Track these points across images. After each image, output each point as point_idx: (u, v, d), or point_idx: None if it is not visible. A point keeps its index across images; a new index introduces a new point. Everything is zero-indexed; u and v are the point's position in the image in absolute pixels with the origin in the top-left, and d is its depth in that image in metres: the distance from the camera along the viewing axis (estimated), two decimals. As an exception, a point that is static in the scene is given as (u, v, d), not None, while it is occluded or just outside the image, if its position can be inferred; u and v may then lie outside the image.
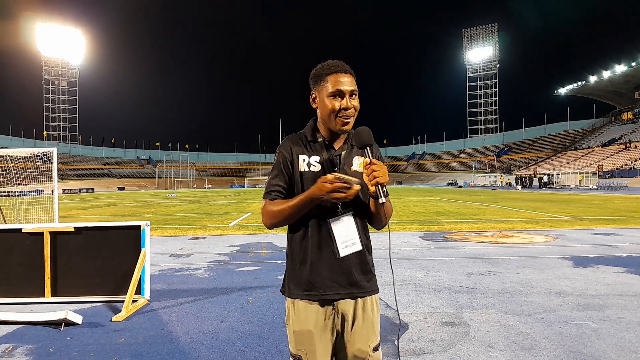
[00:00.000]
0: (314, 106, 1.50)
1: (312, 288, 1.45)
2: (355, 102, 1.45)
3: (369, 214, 1.49)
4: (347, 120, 1.43)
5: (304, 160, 1.48)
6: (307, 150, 1.49)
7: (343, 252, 1.43)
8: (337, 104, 1.42)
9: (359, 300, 1.48)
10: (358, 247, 1.45)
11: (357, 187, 1.32)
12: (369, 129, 1.43)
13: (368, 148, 1.39)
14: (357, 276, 1.47)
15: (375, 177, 1.30)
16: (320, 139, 1.50)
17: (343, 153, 1.49)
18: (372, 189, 1.34)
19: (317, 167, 1.47)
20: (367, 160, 1.35)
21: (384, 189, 1.34)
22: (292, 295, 1.49)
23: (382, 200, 1.33)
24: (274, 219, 1.45)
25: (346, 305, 1.47)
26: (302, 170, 1.47)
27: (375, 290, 1.52)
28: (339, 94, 1.42)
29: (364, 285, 1.48)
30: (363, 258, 1.49)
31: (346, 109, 1.42)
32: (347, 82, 1.43)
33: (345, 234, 1.43)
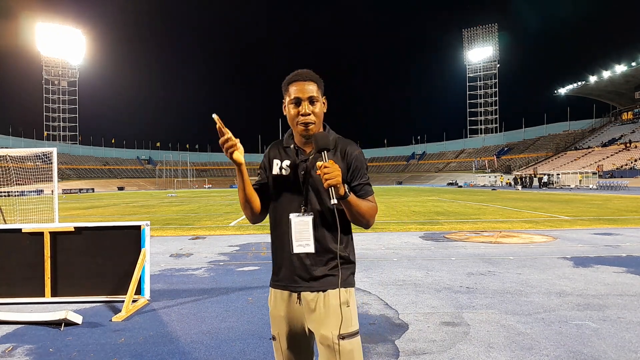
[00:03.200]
0: (284, 113, 1.61)
1: (280, 279, 1.61)
2: (316, 108, 1.54)
3: (347, 216, 1.54)
4: (307, 127, 1.53)
5: (277, 164, 1.63)
6: (281, 155, 1.63)
7: (297, 249, 1.54)
8: (295, 111, 1.53)
9: (321, 292, 1.56)
10: (310, 249, 1.53)
11: (227, 137, 1.42)
12: (327, 134, 1.53)
13: (325, 152, 1.45)
14: (319, 272, 1.55)
15: (326, 180, 1.37)
16: (292, 145, 1.62)
17: (311, 157, 1.57)
18: (326, 190, 1.42)
19: (287, 171, 1.60)
20: (320, 163, 1.41)
21: (340, 192, 1.40)
22: (270, 283, 1.67)
23: (333, 201, 1.39)
24: (241, 204, 1.61)
25: (310, 296, 1.56)
26: (275, 173, 1.62)
27: (340, 284, 1.56)
28: (296, 101, 1.53)
29: (326, 281, 1.55)
30: (327, 257, 1.55)
31: (304, 114, 1.52)
32: (305, 90, 1.53)
33: (301, 233, 1.53)
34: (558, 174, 51.17)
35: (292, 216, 1.55)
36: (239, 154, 1.46)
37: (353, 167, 1.58)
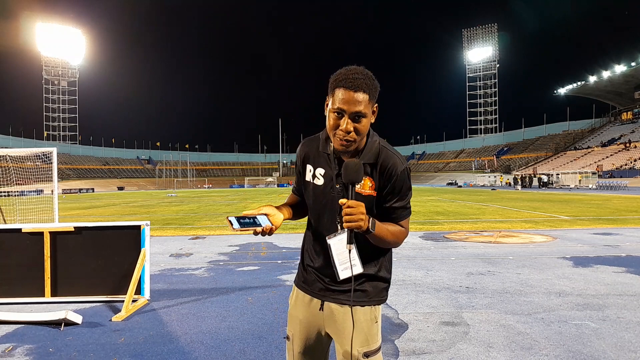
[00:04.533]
0: (325, 114, 1.40)
1: (306, 282, 1.54)
2: (360, 124, 1.30)
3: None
4: (346, 144, 1.32)
5: (310, 170, 1.48)
6: (316, 159, 1.46)
7: (342, 274, 1.38)
8: (335, 122, 1.32)
9: (347, 307, 1.45)
10: (358, 269, 1.36)
11: (264, 225, 1.34)
12: (359, 163, 1.29)
13: (352, 186, 1.28)
14: (347, 288, 1.43)
15: (346, 221, 1.24)
16: (330, 150, 1.42)
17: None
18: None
19: (320, 181, 1.44)
20: (343, 200, 1.25)
21: (361, 230, 1.27)
22: (295, 280, 1.61)
23: (348, 246, 1.29)
24: None
25: (334, 307, 1.48)
26: (308, 179, 1.49)
27: (369, 302, 1.47)
28: (340, 112, 1.30)
29: (357, 296, 1.45)
30: (366, 275, 1.45)
31: (345, 131, 1.30)
32: (353, 101, 1.27)
33: (343, 254, 1.36)
34: (558, 174, 51.19)
35: (330, 239, 1.36)
36: (278, 222, 1.40)
37: (391, 188, 1.39)
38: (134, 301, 4.25)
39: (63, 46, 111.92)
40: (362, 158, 1.37)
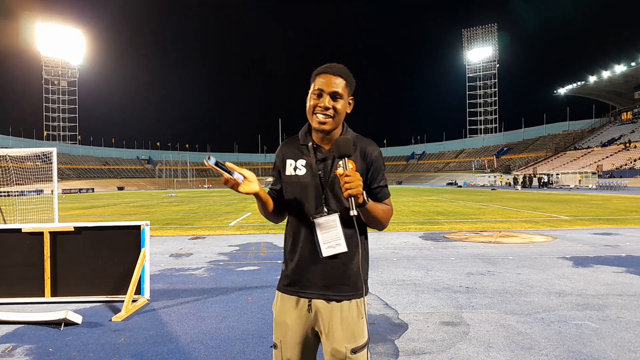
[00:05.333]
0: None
1: (291, 284, 1.54)
2: (338, 104, 1.44)
3: (363, 220, 1.48)
4: (324, 120, 1.43)
5: (290, 164, 1.55)
6: (296, 154, 1.54)
7: (326, 252, 1.45)
8: (315, 102, 1.44)
9: (335, 302, 1.48)
10: (343, 248, 1.45)
11: (235, 177, 1.35)
12: (348, 138, 1.41)
13: (346, 159, 1.36)
14: (336, 280, 1.48)
15: (347, 189, 1.31)
16: (309, 143, 1.52)
17: (333, 159, 1.49)
18: (345, 200, 1.35)
19: (302, 171, 1.51)
20: (341, 171, 1.34)
21: (359, 200, 1.34)
22: (278, 287, 1.60)
23: (353, 212, 1.33)
24: (259, 211, 1.60)
25: (321, 305, 1.49)
26: (288, 173, 1.54)
27: (355, 295, 1.50)
28: (319, 93, 1.44)
29: (341, 290, 1.49)
30: (346, 263, 1.48)
31: (324, 107, 1.43)
32: (331, 83, 1.43)
33: (329, 234, 1.45)
34: (558, 174, 51.19)
35: (316, 219, 1.46)
36: (249, 186, 1.40)
37: (373, 169, 1.51)
38: (134, 301, 4.25)
39: (63, 46, 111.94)
40: (334, 152, 1.46)
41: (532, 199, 22.90)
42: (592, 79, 75.55)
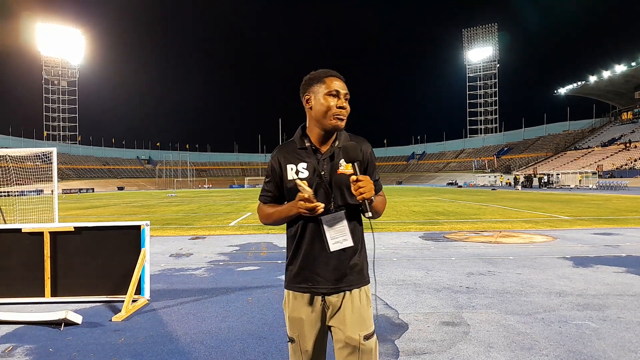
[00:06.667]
0: (307, 107, 1.60)
1: (302, 281, 1.59)
2: (348, 106, 1.58)
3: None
4: (342, 118, 1.56)
5: (292, 168, 1.60)
6: (295, 158, 1.61)
7: (333, 247, 1.54)
8: (333, 102, 1.54)
9: (347, 292, 1.58)
10: (349, 242, 1.55)
11: (320, 209, 1.45)
12: (357, 145, 1.52)
13: (356, 164, 1.48)
14: (344, 272, 1.57)
15: (361, 193, 1.41)
16: (307, 144, 1.60)
17: (329, 157, 1.58)
18: (359, 201, 1.45)
19: (305, 173, 1.58)
20: (354, 177, 1.44)
21: (370, 203, 1.45)
22: (287, 286, 1.65)
23: (368, 214, 1.45)
24: (266, 220, 1.67)
25: (334, 298, 1.57)
26: (291, 178, 1.59)
27: (362, 282, 1.61)
28: (335, 93, 1.55)
29: (350, 280, 1.58)
30: (352, 254, 1.58)
31: (341, 107, 1.55)
32: (342, 86, 1.57)
33: (336, 230, 1.54)
34: (558, 174, 51.18)
35: (324, 216, 1.53)
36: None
37: (368, 165, 1.63)
38: (134, 301, 4.25)
39: (63, 46, 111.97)
40: (341, 143, 1.59)
41: (532, 199, 22.90)
42: (592, 78, 75.54)
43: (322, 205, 1.46)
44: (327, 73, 1.58)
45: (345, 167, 1.53)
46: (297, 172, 1.58)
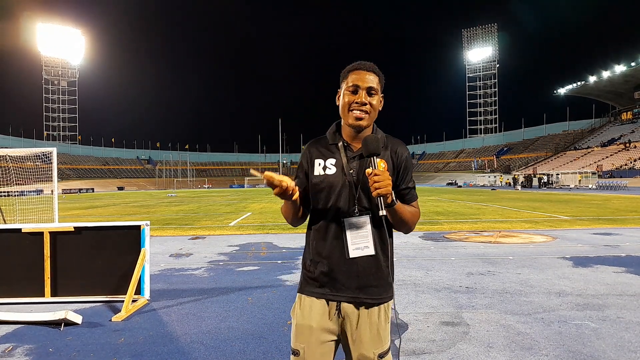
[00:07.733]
0: (337, 104, 1.51)
1: (319, 286, 1.48)
2: (373, 100, 1.44)
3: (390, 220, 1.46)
4: (360, 115, 1.43)
5: (319, 164, 1.50)
6: (325, 153, 1.51)
7: (353, 253, 1.43)
8: (351, 98, 1.43)
9: (364, 308, 1.46)
10: (370, 251, 1.44)
11: (284, 183, 1.32)
12: (377, 137, 1.39)
13: (374, 157, 1.35)
14: (367, 281, 1.45)
15: (375, 189, 1.29)
16: (339, 142, 1.50)
17: (358, 155, 1.47)
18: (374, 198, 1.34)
19: (332, 170, 1.48)
20: (369, 170, 1.32)
21: (387, 200, 1.33)
22: (301, 289, 1.53)
23: (382, 212, 1.32)
24: (284, 216, 1.57)
25: (351, 309, 1.46)
26: (317, 173, 1.49)
27: (385, 298, 1.48)
28: (355, 89, 1.43)
29: (372, 292, 1.46)
30: (377, 264, 1.46)
31: (361, 103, 1.42)
32: (366, 79, 1.43)
33: (359, 235, 1.43)
34: (557, 174, 51.19)
35: (347, 219, 1.43)
36: (297, 194, 1.37)
37: (402, 169, 1.50)
38: (133, 301, 4.25)
39: (63, 46, 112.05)
40: (363, 150, 1.44)
41: (532, 199, 22.90)
42: (592, 79, 75.57)
43: (286, 180, 1.33)
44: (353, 67, 1.47)
45: (377, 166, 1.38)
46: (324, 168, 1.49)
